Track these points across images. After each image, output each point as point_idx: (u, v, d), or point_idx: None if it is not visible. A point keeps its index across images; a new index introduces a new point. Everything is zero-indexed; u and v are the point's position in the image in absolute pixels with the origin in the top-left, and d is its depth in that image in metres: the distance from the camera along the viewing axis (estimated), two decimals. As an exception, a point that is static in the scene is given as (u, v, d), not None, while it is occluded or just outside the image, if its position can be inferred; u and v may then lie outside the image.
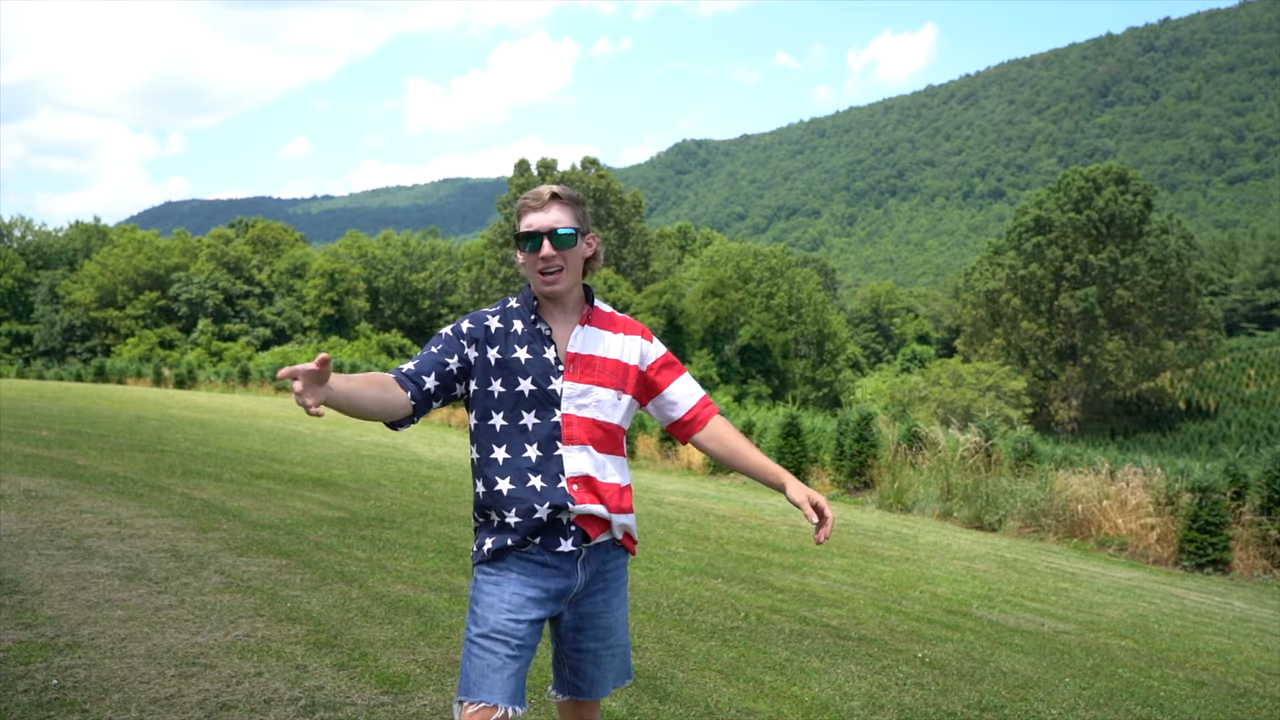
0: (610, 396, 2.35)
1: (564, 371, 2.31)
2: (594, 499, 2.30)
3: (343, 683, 3.61)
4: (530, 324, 2.35)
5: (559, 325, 2.37)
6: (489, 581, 2.26)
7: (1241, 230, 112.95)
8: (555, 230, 2.30)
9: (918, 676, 4.47)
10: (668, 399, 2.48)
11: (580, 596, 2.36)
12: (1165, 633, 6.10)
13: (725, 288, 58.01)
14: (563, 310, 2.38)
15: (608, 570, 2.39)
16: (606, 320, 2.43)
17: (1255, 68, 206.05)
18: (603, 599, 2.39)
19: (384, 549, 6.10)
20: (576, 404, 2.31)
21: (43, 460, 8.51)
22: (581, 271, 2.39)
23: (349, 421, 19.08)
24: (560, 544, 2.28)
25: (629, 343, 2.42)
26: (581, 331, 2.37)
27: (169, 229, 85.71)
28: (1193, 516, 9.63)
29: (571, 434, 2.30)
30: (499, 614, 2.22)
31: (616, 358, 2.38)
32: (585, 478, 2.30)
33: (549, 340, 2.33)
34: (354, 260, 69.98)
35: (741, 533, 8.61)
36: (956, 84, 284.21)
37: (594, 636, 2.38)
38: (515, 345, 2.32)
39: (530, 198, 2.35)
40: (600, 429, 2.33)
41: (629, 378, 2.40)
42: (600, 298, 2.49)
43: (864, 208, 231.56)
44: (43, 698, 3.21)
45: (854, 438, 13.31)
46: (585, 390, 2.32)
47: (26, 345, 67.03)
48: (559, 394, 2.30)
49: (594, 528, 2.32)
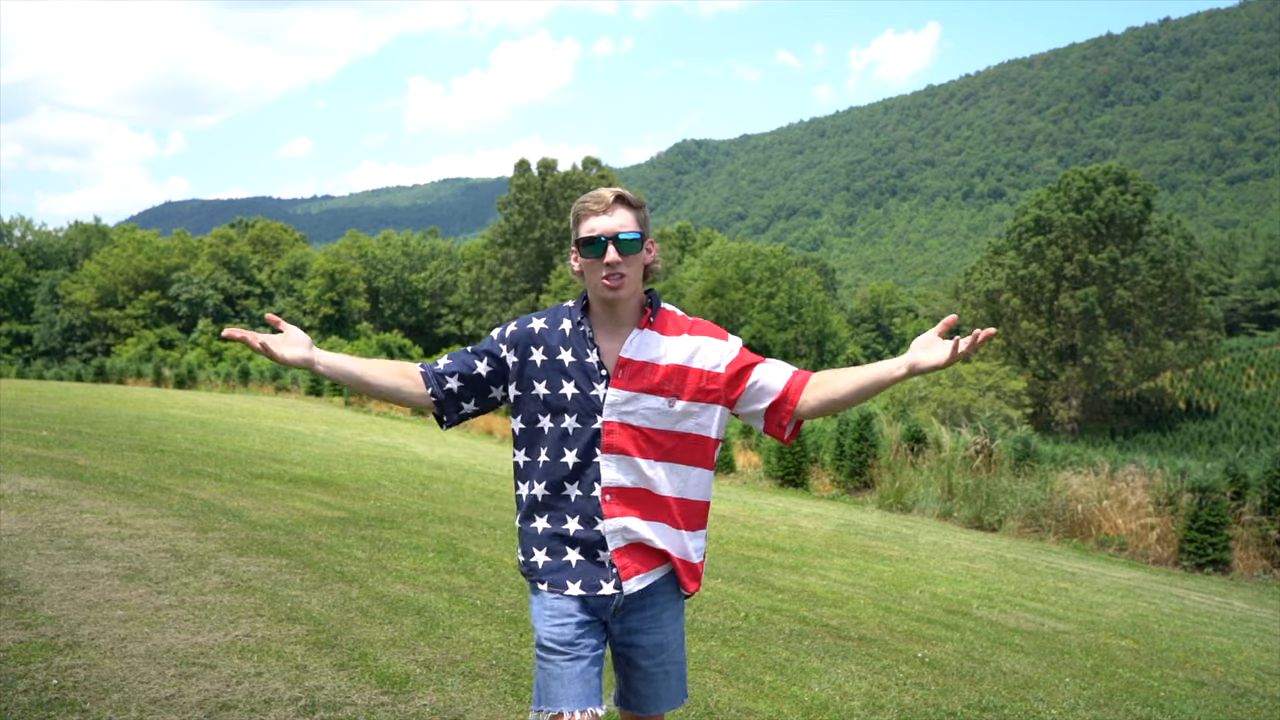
0: (660, 404, 2.21)
1: (610, 377, 2.22)
2: (630, 511, 2.20)
3: (343, 683, 3.61)
4: (575, 325, 2.27)
5: (612, 330, 2.27)
6: (534, 590, 2.27)
7: (1241, 230, 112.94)
8: (619, 235, 2.20)
9: (918, 676, 4.47)
10: (754, 388, 2.27)
11: (626, 611, 2.25)
12: (1165, 633, 6.10)
13: (725, 288, 58.03)
14: (618, 316, 2.27)
15: (655, 588, 2.28)
16: (672, 324, 2.30)
17: (1255, 68, 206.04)
18: (651, 614, 2.27)
19: (384, 549, 6.10)
20: (620, 411, 2.21)
21: (43, 460, 8.51)
22: (642, 277, 2.28)
23: (349, 421, 19.08)
24: (602, 586, 2.21)
25: (691, 344, 2.27)
26: (638, 336, 2.25)
27: (169, 229, 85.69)
28: (1193, 516, 9.63)
29: (611, 442, 2.20)
30: (546, 623, 2.21)
31: (676, 363, 2.24)
32: (621, 489, 2.20)
33: (592, 343, 2.25)
34: (354, 260, 70.02)
35: (741, 533, 8.60)
36: (956, 84, 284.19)
37: (643, 653, 2.27)
38: (560, 347, 2.26)
39: (592, 201, 2.24)
40: (648, 438, 2.21)
41: (687, 383, 2.24)
42: (667, 300, 2.39)
43: (864, 208, 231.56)
44: (43, 698, 3.21)
45: (854, 438, 13.32)
46: (631, 397, 2.21)
47: (26, 345, 67.05)
48: (601, 399, 2.21)
49: (630, 565, 2.22)
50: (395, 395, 2.28)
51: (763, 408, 2.28)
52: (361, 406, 24.31)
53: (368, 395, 2.31)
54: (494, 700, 3.60)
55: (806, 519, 10.20)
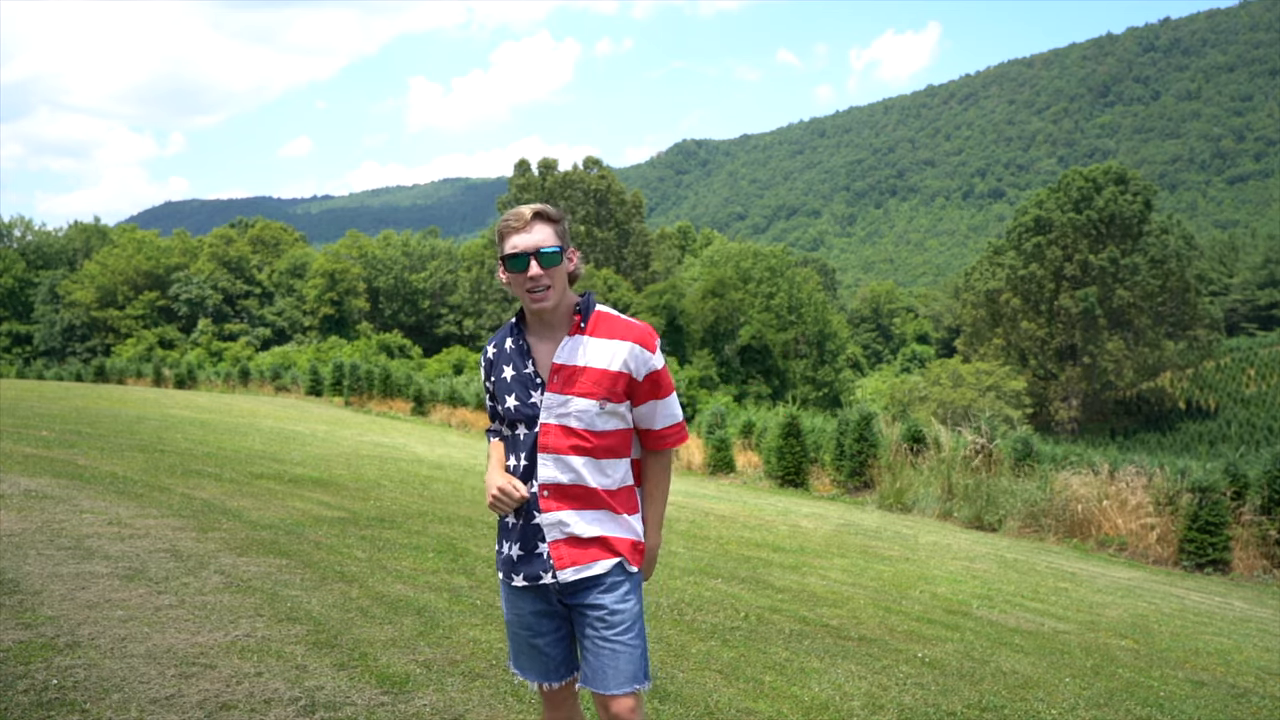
0: (592, 406, 2.38)
1: (545, 384, 2.41)
2: (565, 505, 2.39)
3: (343, 683, 3.61)
4: (515, 340, 2.49)
5: (545, 339, 2.46)
6: (500, 578, 2.56)
7: (1241, 230, 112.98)
8: (540, 250, 2.37)
9: (918, 676, 4.47)
10: (643, 411, 2.51)
11: (574, 591, 2.42)
12: (1165, 633, 6.10)
13: (725, 288, 58.00)
14: (551, 324, 2.46)
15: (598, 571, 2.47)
16: (604, 327, 2.45)
17: (1255, 68, 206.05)
18: (596, 593, 2.41)
19: (384, 549, 6.10)
20: (556, 414, 2.39)
21: (43, 460, 8.51)
22: (566, 285, 2.45)
23: (349, 421, 19.09)
24: (541, 577, 2.43)
25: (621, 349, 2.43)
26: (569, 342, 2.43)
27: (169, 229, 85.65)
28: (1193, 516, 9.63)
29: (547, 443, 2.39)
30: (505, 607, 2.53)
31: (604, 367, 2.41)
32: (557, 485, 2.39)
33: (527, 354, 2.45)
34: (354, 260, 69.98)
35: (741, 533, 8.60)
36: (957, 84, 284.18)
37: (589, 624, 2.41)
38: (504, 365, 2.49)
39: (512, 219, 2.41)
40: (580, 438, 2.38)
41: (618, 386, 2.42)
42: (602, 301, 2.54)
43: (864, 208, 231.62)
44: (43, 698, 3.21)
45: (854, 438, 13.31)
46: (565, 401, 2.39)
47: (26, 345, 67.02)
48: (539, 406, 2.41)
49: (565, 556, 2.40)
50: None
51: (643, 428, 2.53)
52: (361, 407, 24.31)
53: None
54: (494, 700, 3.60)
55: (806, 519, 10.20)
